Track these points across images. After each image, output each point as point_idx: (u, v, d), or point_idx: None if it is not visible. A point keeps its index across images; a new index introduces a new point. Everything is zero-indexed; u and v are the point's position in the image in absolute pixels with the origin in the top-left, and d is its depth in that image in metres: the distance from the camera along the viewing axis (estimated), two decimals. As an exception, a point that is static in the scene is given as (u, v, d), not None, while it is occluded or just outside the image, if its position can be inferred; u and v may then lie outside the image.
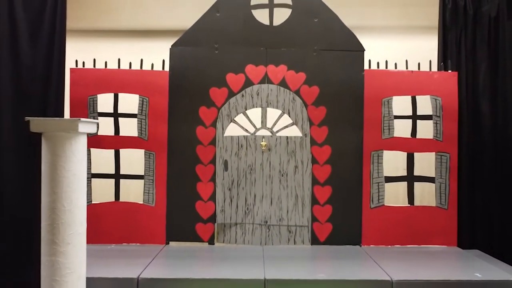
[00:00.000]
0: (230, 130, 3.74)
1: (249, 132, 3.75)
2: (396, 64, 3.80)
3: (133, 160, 3.82)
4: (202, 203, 3.71)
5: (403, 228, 3.71)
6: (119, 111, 3.72)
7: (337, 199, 3.71)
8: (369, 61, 3.74)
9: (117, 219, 3.67)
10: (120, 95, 3.72)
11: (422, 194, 3.95)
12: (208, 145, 3.73)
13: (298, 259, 3.35)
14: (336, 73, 3.72)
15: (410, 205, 3.77)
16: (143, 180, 3.70)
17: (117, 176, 3.74)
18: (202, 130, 3.72)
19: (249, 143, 3.74)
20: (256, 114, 3.76)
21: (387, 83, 3.73)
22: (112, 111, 3.71)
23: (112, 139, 3.70)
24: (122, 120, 3.73)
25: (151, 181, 3.70)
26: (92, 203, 3.63)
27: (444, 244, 3.70)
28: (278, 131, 3.75)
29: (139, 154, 3.74)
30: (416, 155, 3.78)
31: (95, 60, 3.70)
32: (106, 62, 3.71)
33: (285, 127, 3.75)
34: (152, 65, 3.75)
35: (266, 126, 3.75)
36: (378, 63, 3.78)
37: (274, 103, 3.73)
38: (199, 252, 3.53)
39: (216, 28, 3.72)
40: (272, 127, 3.75)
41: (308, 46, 3.73)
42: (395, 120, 3.74)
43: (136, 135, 3.70)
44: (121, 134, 3.73)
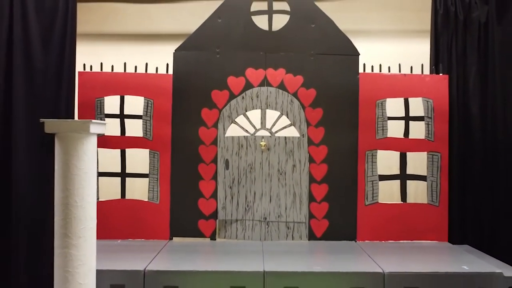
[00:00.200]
0: (231, 130, 3.89)
1: (249, 133, 3.90)
2: (389, 67, 3.96)
3: (138, 159, 3.98)
4: (204, 201, 3.87)
5: (396, 224, 3.86)
6: (125, 113, 3.88)
7: (333, 196, 3.86)
8: (363, 64, 3.90)
9: (123, 215, 3.82)
10: (126, 97, 3.87)
11: (414, 192, 4.10)
12: (210, 145, 3.88)
13: (295, 254, 3.50)
14: (332, 76, 3.87)
15: (403, 202, 3.93)
16: (147, 179, 3.86)
17: (123, 174, 3.90)
18: (204, 130, 3.88)
19: (249, 143, 3.90)
20: (256, 116, 3.91)
21: (381, 86, 3.89)
22: (118, 112, 3.87)
23: (118, 139, 3.86)
24: (128, 121, 3.89)
25: (155, 179, 3.85)
26: (99, 200, 3.77)
27: (436, 239, 3.86)
28: (276, 132, 3.90)
29: (144, 153, 3.89)
30: (408, 154, 3.93)
31: (102, 64, 3.87)
32: (113, 66, 3.87)
33: (283, 127, 3.90)
34: (157, 68, 3.91)
35: (266, 127, 3.91)
36: (372, 67, 3.94)
37: (273, 105, 3.89)
38: (201, 247, 3.69)
39: (218, 34, 3.87)
40: (271, 127, 3.91)
41: (306, 50, 3.88)
42: (389, 121, 3.89)
43: (141, 136, 3.85)
44: (127, 135, 3.88)
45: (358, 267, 3.10)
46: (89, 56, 3.93)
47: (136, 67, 3.89)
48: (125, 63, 3.89)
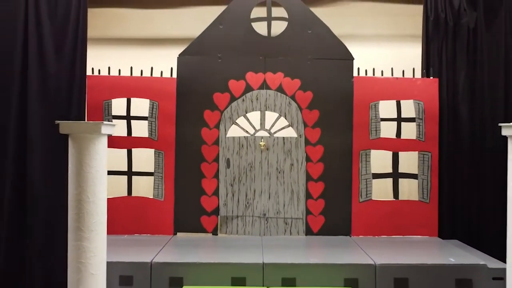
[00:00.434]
0: (232, 131, 4.09)
1: (249, 133, 4.10)
2: (382, 71, 4.15)
3: (144, 158, 4.17)
4: (206, 198, 4.07)
5: (389, 220, 4.06)
6: (132, 114, 4.08)
7: (329, 194, 4.06)
8: (358, 68, 4.10)
9: (129, 212, 4.02)
10: (132, 99, 4.07)
11: (406, 189, 4.29)
12: (212, 145, 4.08)
13: (293, 248, 3.69)
14: (328, 79, 4.07)
15: (395, 199, 4.13)
16: (153, 177, 4.06)
17: (129, 173, 4.10)
18: (206, 131, 4.07)
19: (249, 143, 4.10)
20: (255, 117, 4.11)
21: (374, 89, 4.08)
22: (125, 114, 4.07)
23: (125, 139, 4.05)
24: (134, 122, 4.09)
25: (160, 177, 4.05)
26: (107, 197, 3.96)
27: (426, 234, 4.06)
28: (275, 132, 4.10)
29: (150, 153, 4.09)
30: (400, 154, 4.13)
31: (109, 68, 4.07)
32: (120, 70, 4.07)
33: (282, 128, 4.10)
34: (161, 72, 4.10)
35: (265, 128, 4.10)
36: (366, 71, 4.13)
37: (272, 107, 4.08)
38: (204, 241, 3.89)
39: (219, 39, 4.07)
40: (270, 128, 4.10)
41: (303, 55, 4.08)
42: (382, 122, 4.09)
43: (147, 136, 4.05)
44: (133, 135, 4.08)
45: (351, 260, 3.30)
46: (95, 60, 4.10)
47: (142, 71, 4.09)
48: (131, 67, 4.08)
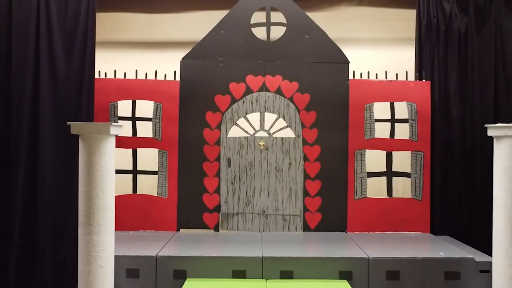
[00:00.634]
0: (233, 131, 4.26)
1: (249, 134, 4.27)
2: (376, 74, 4.33)
3: (148, 158, 4.34)
4: (208, 195, 4.24)
5: (383, 217, 4.23)
6: (137, 115, 4.25)
7: (325, 191, 4.23)
8: (353, 71, 4.27)
9: (134, 209, 4.18)
10: (137, 101, 4.24)
11: (400, 187, 4.45)
12: (214, 144, 4.25)
13: (291, 242, 3.86)
14: (324, 82, 4.24)
15: (389, 197, 4.30)
16: (157, 175, 4.23)
17: (134, 172, 4.27)
18: (208, 131, 4.24)
19: (249, 143, 4.27)
20: (255, 118, 4.27)
21: (369, 91, 4.25)
22: (130, 115, 4.23)
23: (130, 139, 4.22)
24: (139, 123, 4.25)
25: (164, 176, 4.22)
26: (113, 195, 4.15)
27: (419, 231, 4.23)
28: (274, 133, 4.26)
29: (154, 152, 4.25)
30: (394, 153, 4.30)
31: (115, 71, 4.24)
32: (125, 73, 4.24)
33: (280, 129, 4.26)
34: (165, 75, 4.27)
35: (264, 128, 4.27)
36: (361, 74, 4.31)
37: (271, 108, 4.25)
38: (206, 237, 4.05)
39: (221, 44, 4.23)
40: (269, 129, 4.27)
41: (301, 59, 4.25)
42: (376, 123, 4.26)
43: (151, 136, 4.22)
44: (138, 135, 4.25)
45: (346, 253, 3.48)
46: (100, 62, 4.22)
47: (146, 74, 4.26)
48: (136, 71, 4.25)
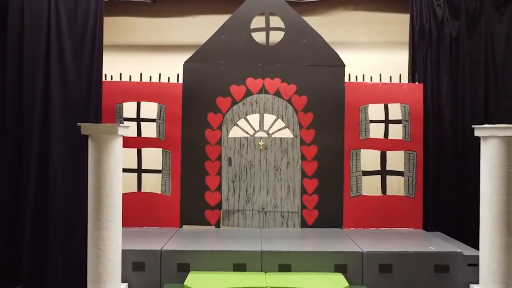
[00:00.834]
0: (233, 132, 4.42)
1: (249, 134, 4.43)
2: (371, 77, 4.49)
3: (152, 157, 4.51)
4: (210, 193, 4.41)
5: (377, 214, 4.40)
6: (141, 117, 4.41)
7: (322, 189, 4.39)
8: (349, 74, 4.44)
9: (139, 206, 4.35)
10: (142, 103, 4.41)
11: (393, 185, 4.62)
12: (215, 144, 4.42)
13: (289, 238, 4.02)
14: (321, 85, 4.40)
15: (383, 194, 4.47)
16: (160, 174, 4.40)
17: (139, 170, 4.44)
18: (210, 132, 4.41)
19: (249, 143, 4.44)
20: (255, 119, 4.43)
21: (364, 93, 4.42)
22: (135, 116, 4.40)
23: (135, 139, 4.39)
24: (143, 124, 4.42)
25: (167, 174, 4.39)
26: (119, 193, 4.31)
27: (412, 227, 4.39)
28: (273, 133, 4.43)
29: (158, 152, 4.43)
30: (388, 153, 4.46)
31: (121, 74, 4.41)
32: (130, 76, 4.42)
33: (279, 129, 4.43)
34: (169, 78, 4.44)
35: (263, 129, 4.43)
36: (356, 77, 4.47)
37: (270, 110, 4.42)
38: (208, 233, 4.22)
39: (222, 48, 4.40)
40: (268, 129, 4.44)
41: (298, 62, 4.41)
42: (371, 124, 4.42)
43: (155, 137, 4.39)
44: (142, 136, 4.42)
45: (341, 248, 3.64)
46: (106, 65, 4.33)
47: (150, 77, 4.43)
48: (141, 74, 4.42)
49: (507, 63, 4.47)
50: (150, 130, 4.41)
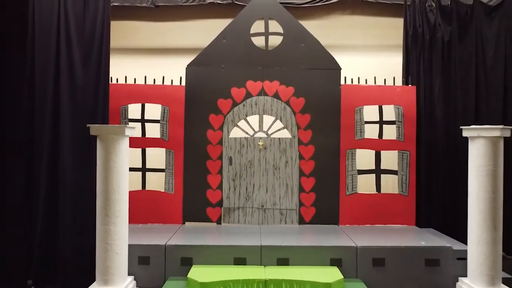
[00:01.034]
0: (234, 132, 4.59)
1: (249, 134, 4.60)
2: (366, 80, 4.66)
3: (156, 156, 4.67)
4: (211, 191, 4.58)
5: (372, 211, 4.57)
6: (145, 118, 4.58)
7: (319, 188, 4.56)
8: (345, 77, 4.61)
9: (143, 204, 4.52)
10: (146, 105, 4.58)
11: (388, 184, 4.77)
12: (216, 144, 4.59)
13: (287, 234, 4.19)
14: (318, 87, 4.57)
15: (377, 192, 4.64)
16: (164, 173, 4.57)
17: (143, 169, 4.61)
18: (211, 132, 4.58)
19: (249, 143, 4.61)
20: (254, 120, 4.60)
21: (359, 95, 4.59)
22: (140, 117, 4.57)
23: (140, 140, 4.56)
24: (147, 125, 4.59)
25: (170, 173, 4.56)
26: (124, 191, 4.48)
27: (405, 223, 4.57)
28: (272, 134, 4.60)
29: (161, 152, 4.59)
30: (382, 152, 4.64)
31: (126, 77, 4.59)
32: (135, 79, 4.59)
33: (278, 130, 4.60)
34: (172, 81, 4.62)
35: (263, 130, 4.60)
36: (352, 79, 4.65)
37: (269, 111, 4.59)
38: (209, 229, 4.39)
39: (223, 52, 4.57)
40: (268, 130, 4.60)
41: (296, 65, 4.58)
42: (366, 124, 4.60)
43: (159, 137, 4.56)
44: (147, 136, 4.58)
45: (336, 243, 3.82)
46: (111, 68, 4.44)
47: (154, 79, 4.60)
48: (145, 77, 4.59)
49: (497, 66, 4.67)
50: (154, 131, 4.58)
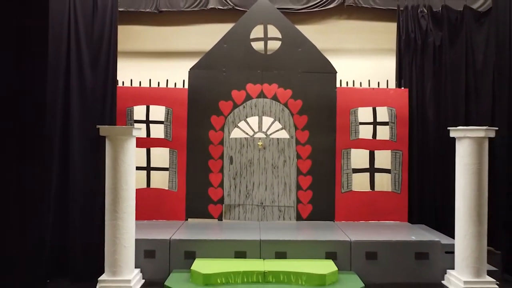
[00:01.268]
0: (235, 133, 4.80)
1: (249, 135, 4.81)
2: (361, 83, 4.87)
3: (160, 156, 4.87)
4: (213, 189, 4.79)
5: (366, 208, 4.78)
6: (150, 119, 4.79)
7: (316, 186, 4.77)
8: (340, 80, 4.82)
9: (148, 201, 4.71)
10: (151, 106, 4.78)
11: (381, 182, 4.97)
12: (218, 144, 4.79)
13: (285, 229, 4.41)
14: (315, 90, 4.77)
15: (371, 190, 4.85)
16: (168, 172, 4.78)
17: (148, 168, 4.82)
18: (213, 133, 4.79)
19: (249, 143, 4.82)
20: (254, 121, 4.80)
21: (354, 98, 4.80)
22: (144, 118, 4.78)
23: (144, 140, 4.75)
24: (152, 125, 4.79)
25: (174, 172, 4.77)
26: (130, 188, 4.67)
27: (398, 220, 4.77)
28: (271, 134, 4.80)
29: (165, 151, 4.79)
30: (376, 152, 4.84)
31: (131, 80, 4.80)
32: (140, 82, 4.80)
33: (276, 131, 4.80)
34: (175, 84, 4.82)
35: (262, 130, 4.81)
36: (347, 82, 4.86)
37: (268, 112, 4.80)
38: (211, 225, 4.60)
39: (224, 56, 4.77)
40: (267, 131, 4.81)
41: (294, 69, 4.78)
42: (360, 125, 4.80)
43: (163, 137, 4.76)
44: (151, 136, 4.79)
45: (332, 237, 4.03)
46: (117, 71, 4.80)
47: (159, 82, 4.81)
48: (150, 79, 4.80)
49: (486, 70, 4.87)
50: (158, 131, 4.78)
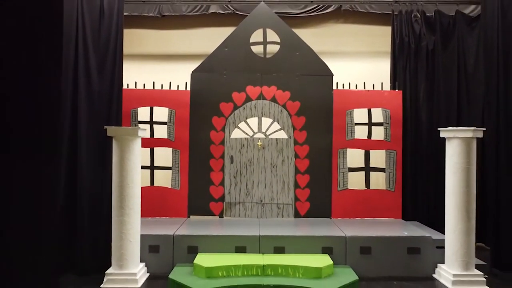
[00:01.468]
0: (235, 133, 4.98)
1: (248, 135, 4.99)
2: (356, 85, 5.06)
3: (163, 155, 5.08)
4: (214, 187, 4.98)
5: (362, 205, 4.96)
6: (154, 120, 4.98)
7: (313, 184, 4.96)
8: (336, 83, 5.00)
9: (152, 199, 4.90)
10: (155, 108, 4.98)
11: (376, 180, 5.16)
12: (219, 144, 4.98)
13: (283, 226, 4.59)
14: (312, 92, 4.96)
15: (367, 188, 5.03)
16: (171, 170, 4.97)
17: (152, 167, 5.01)
18: (214, 133, 4.97)
19: (249, 143, 5.01)
20: (254, 122, 4.99)
21: (350, 99, 4.98)
22: (148, 119, 4.97)
23: (148, 140, 4.95)
24: (156, 126, 4.99)
25: (176, 171, 4.96)
26: (134, 187, 4.86)
27: (392, 217, 4.96)
28: (270, 134, 4.99)
29: (168, 151, 4.99)
30: (371, 152, 5.03)
31: (136, 82, 4.99)
32: (144, 84, 4.99)
33: (275, 131, 4.99)
34: (178, 86, 5.01)
35: (261, 131, 4.99)
36: (343, 84, 5.05)
37: (267, 114, 4.99)
38: (212, 222, 4.79)
39: (225, 59, 4.96)
40: (266, 131, 5.00)
41: (292, 72, 4.97)
42: (356, 126, 4.99)
43: (166, 137, 4.95)
44: (155, 137, 4.98)
45: (328, 233, 4.22)
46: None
47: (162, 85, 4.99)
48: (153, 82, 4.99)
49: (477, 73, 5.06)
50: (161, 132, 4.97)
